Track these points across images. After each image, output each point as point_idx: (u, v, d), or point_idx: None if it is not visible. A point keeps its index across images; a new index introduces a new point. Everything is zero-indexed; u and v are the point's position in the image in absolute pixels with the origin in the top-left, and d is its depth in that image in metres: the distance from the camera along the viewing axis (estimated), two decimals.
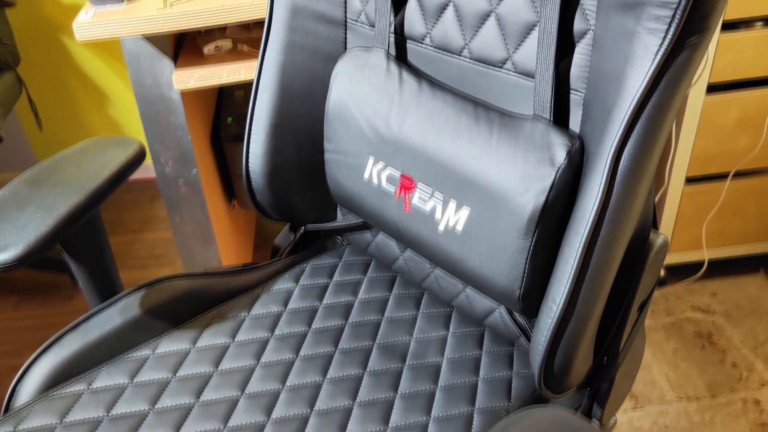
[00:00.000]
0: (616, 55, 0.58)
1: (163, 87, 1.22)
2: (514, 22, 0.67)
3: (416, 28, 0.76)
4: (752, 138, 1.34)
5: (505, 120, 0.68)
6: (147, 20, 1.04)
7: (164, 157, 1.31)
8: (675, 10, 0.51)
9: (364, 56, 0.78)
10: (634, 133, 0.56)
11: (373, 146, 0.76)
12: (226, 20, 1.06)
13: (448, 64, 0.75)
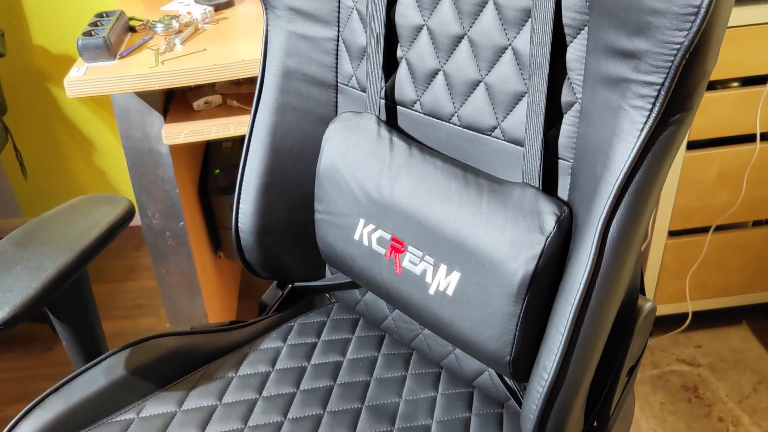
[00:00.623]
0: (603, 128, 0.59)
1: (152, 140, 1.22)
2: (503, 92, 0.69)
3: (406, 94, 0.78)
4: (732, 193, 1.37)
5: (494, 186, 0.69)
6: (139, 78, 1.05)
7: (151, 210, 1.30)
8: (659, 90, 0.53)
9: (355, 120, 0.79)
10: (622, 204, 0.57)
11: (363, 208, 0.77)
12: (217, 78, 1.07)
13: (438, 129, 0.76)
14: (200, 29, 1.19)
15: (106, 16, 1.16)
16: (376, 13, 0.75)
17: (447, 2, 0.70)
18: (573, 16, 0.61)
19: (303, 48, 0.83)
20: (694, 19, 0.48)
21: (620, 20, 0.54)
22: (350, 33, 0.81)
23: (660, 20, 0.50)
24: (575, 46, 0.62)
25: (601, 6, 0.57)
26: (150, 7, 1.32)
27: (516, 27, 0.65)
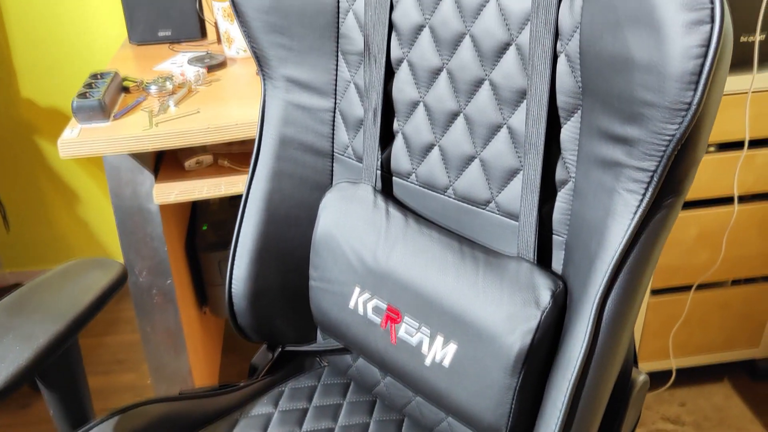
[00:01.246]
0: (597, 207, 0.61)
1: (141, 199, 1.22)
2: (498, 167, 0.71)
3: (402, 165, 0.79)
4: (712, 253, 1.40)
5: (490, 258, 0.70)
6: (132, 139, 1.06)
7: (139, 267, 1.30)
8: (652, 176, 0.55)
9: (351, 189, 0.81)
10: (617, 283, 0.59)
11: (359, 277, 0.78)
12: (211, 140, 1.09)
13: (433, 200, 0.78)
14: (194, 90, 1.21)
15: (100, 77, 1.17)
16: (373, 88, 0.77)
17: (443, 80, 0.72)
18: (566, 100, 0.63)
19: (300, 117, 0.85)
20: (685, 114, 0.50)
21: (613, 108, 0.57)
22: (347, 105, 0.83)
23: (652, 112, 0.52)
24: (569, 127, 0.64)
25: (594, 92, 0.59)
26: (143, 67, 1.33)
27: (511, 107, 0.68)
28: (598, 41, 0.56)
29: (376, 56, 0.75)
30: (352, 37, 0.78)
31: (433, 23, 0.70)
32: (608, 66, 0.56)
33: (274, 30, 0.80)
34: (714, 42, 0.47)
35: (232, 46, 1.34)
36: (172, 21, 1.44)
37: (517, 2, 0.64)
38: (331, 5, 0.78)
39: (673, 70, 0.49)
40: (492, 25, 0.66)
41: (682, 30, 0.48)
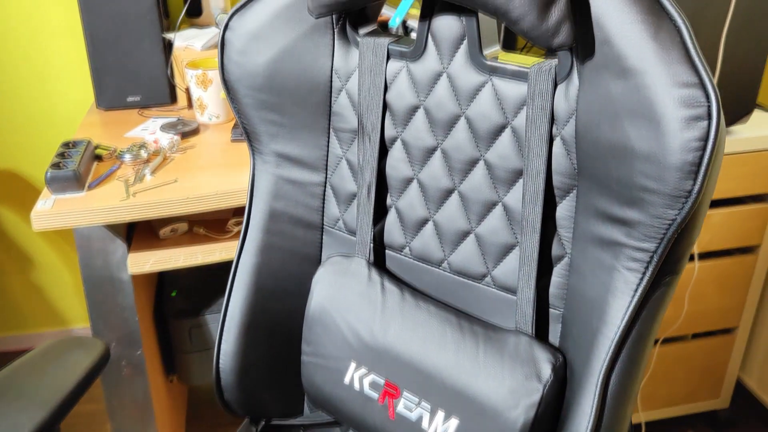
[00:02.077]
0: (596, 284, 0.63)
1: (113, 268, 1.20)
2: (493, 243, 0.73)
3: (395, 239, 0.81)
4: (676, 309, 1.45)
5: (489, 333, 0.71)
6: (110, 210, 1.04)
7: (108, 338, 1.25)
8: (652, 256, 0.58)
9: (345, 263, 0.81)
10: (621, 358, 0.61)
11: (355, 352, 0.78)
12: (191, 210, 1.08)
13: (428, 273, 0.79)
14: (169, 158, 1.20)
15: (73, 145, 1.16)
16: (367, 165, 0.78)
17: (437, 159, 0.74)
18: (562, 180, 0.66)
19: (290, 191, 0.85)
20: (686, 201, 0.53)
21: (612, 191, 0.60)
22: (339, 179, 0.84)
23: (653, 198, 0.55)
24: (564, 206, 0.67)
25: (591, 175, 0.62)
26: (113, 134, 1.32)
27: (506, 185, 0.70)
28: (595, 129, 0.60)
29: (370, 134, 0.77)
30: (344, 115, 0.80)
31: (428, 105, 0.73)
32: (607, 152, 0.59)
33: (266, 107, 0.81)
34: (712, 137, 0.51)
35: (205, 113, 1.35)
36: (142, 86, 1.43)
37: (513, 87, 0.67)
38: (324, 84, 0.80)
39: (673, 160, 0.53)
40: (487, 108, 0.69)
41: (681, 125, 0.52)
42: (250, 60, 0.79)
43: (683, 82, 0.52)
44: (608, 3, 0.56)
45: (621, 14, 0.55)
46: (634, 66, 0.54)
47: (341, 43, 0.78)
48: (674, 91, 0.52)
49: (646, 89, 0.54)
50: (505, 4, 0.57)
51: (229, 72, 0.81)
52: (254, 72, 0.80)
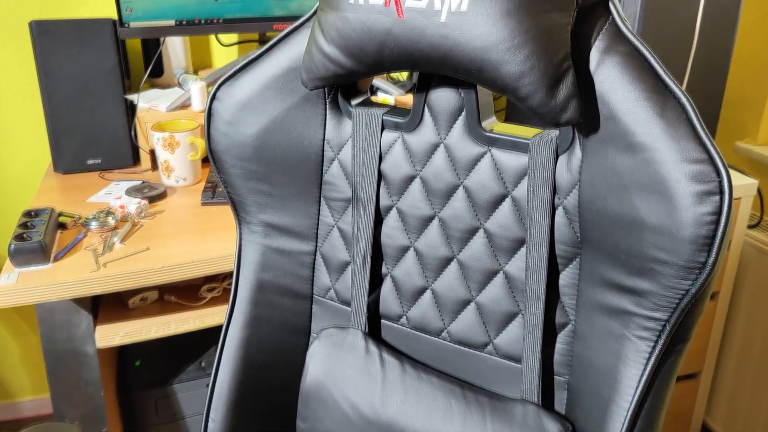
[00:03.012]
0: (606, 352, 0.64)
1: (77, 342, 1.13)
2: (495, 312, 0.72)
3: (392, 308, 0.79)
4: None
5: (495, 403, 0.70)
6: (80, 283, 1.00)
7: (71, 416, 1.18)
8: (664, 324, 0.58)
9: (340, 336, 0.79)
10: (637, 427, 0.61)
11: (356, 428, 0.75)
12: (166, 280, 1.04)
13: (427, 343, 0.78)
14: (137, 224, 1.16)
15: (35, 214, 1.11)
16: (362, 234, 0.77)
17: (435, 228, 0.74)
18: (565, 249, 0.67)
19: (279, 261, 0.83)
20: (699, 273, 0.55)
21: (620, 261, 0.60)
22: (330, 248, 0.82)
23: (665, 269, 0.56)
24: (567, 273, 0.67)
25: (597, 245, 0.63)
26: (75, 200, 1.27)
27: (507, 254, 0.70)
28: (601, 200, 0.61)
29: (365, 204, 0.77)
30: (336, 185, 0.79)
31: (425, 175, 0.73)
32: (614, 223, 0.60)
33: (255, 177, 0.80)
34: (725, 211, 0.52)
35: (172, 175, 1.31)
36: (103, 148, 1.39)
37: (513, 158, 0.67)
38: (315, 154, 0.79)
39: (686, 234, 0.54)
40: (487, 179, 0.69)
41: (693, 200, 0.53)
42: (239, 130, 0.78)
43: (693, 158, 0.53)
44: (612, 80, 0.58)
45: (626, 92, 0.57)
46: (642, 142, 0.56)
47: (333, 114, 0.78)
48: (685, 166, 0.54)
49: (655, 164, 0.55)
50: (514, 82, 0.57)
51: (216, 142, 0.79)
52: (243, 142, 0.78)
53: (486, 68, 0.58)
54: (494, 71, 0.58)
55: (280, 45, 0.76)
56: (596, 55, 0.59)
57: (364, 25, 0.62)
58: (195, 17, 1.37)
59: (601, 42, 0.59)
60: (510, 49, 0.56)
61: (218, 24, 1.40)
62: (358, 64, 0.66)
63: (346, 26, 0.64)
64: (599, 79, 0.59)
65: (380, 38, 0.62)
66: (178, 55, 1.56)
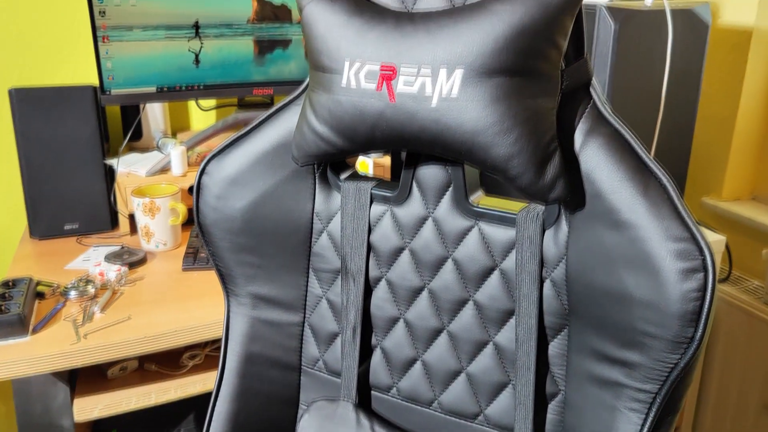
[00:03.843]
0: (597, 422, 0.64)
1: (53, 415, 1.10)
2: (485, 382, 0.73)
3: (382, 379, 0.80)
4: None
5: None
6: (60, 356, 0.98)
7: None
8: (655, 396, 0.60)
9: (330, 408, 0.79)
10: None
11: None
12: (149, 350, 1.02)
13: (418, 414, 0.78)
14: (117, 291, 1.15)
15: (13, 284, 1.09)
16: (352, 306, 0.78)
17: (425, 299, 0.75)
18: (553, 320, 0.68)
19: (267, 333, 0.83)
20: (688, 347, 0.56)
21: (609, 332, 0.62)
22: (318, 319, 0.83)
23: (654, 342, 0.58)
24: (556, 344, 0.69)
25: (585, 317, 0.64)
26: (52, 267, 1.25)
27: (497, 325, 0.72)
28: (589, 273, 0.62)
29: (354, 275, 0.77)
30: (325, 256, 0.80)
31: (414, 247, 0.74)
32: (602, 296, 0.61)
33: (244, 250, 0.80)
34: (710, 288, 0.55)
35: (152, 240, 1.31)
36: (80, 213, 1.38)
37: (501, 232, 0.69)
38: (304, 226, 0.80)
39: (674, 309, 0.56)
40: (475, 251, 0.71)
41: (679, 277, 0.55)
42: (228, 204, 0.79)
43: (677, 236, 0.56)
44: (597, 161, 0.60)
45: (610, 172, 0.60)
46: (627, 220, 0.58)
47: (322, 187, 0.79)
48: (669, 244, 0.56)
49: (641, 242, 0.57)
50: (503, 164, 0.60)
51: (205, 216, 0.80)
52: (232, 216, 0.79)
53: (476, 150, 0.60)
54: (484, 153, 0.60)
55: (270, 121, 0.78)
56: (580, 136, 0.62)
57: (356, 107, 0.64)
58: (176, 84, 1.39)
59: (585, 124, 0.62)
60: (499, 133, 0.59)
61: (199, 90, 1.42)
62: (350, 144, 0.68)
63: (338, 108, 0.66)
64: (584, 159, 0.61)
65: (372, 121, 0.64)
66: (157, 118, 1.57)
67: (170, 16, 1.35)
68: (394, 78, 0.62)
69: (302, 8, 0.68)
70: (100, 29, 1.30)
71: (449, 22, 0.60)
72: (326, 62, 0.66)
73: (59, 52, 1.53)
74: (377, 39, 0.62)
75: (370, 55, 0.62)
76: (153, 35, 1.35)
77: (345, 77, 0.64)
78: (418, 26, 0.61)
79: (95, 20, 1.29)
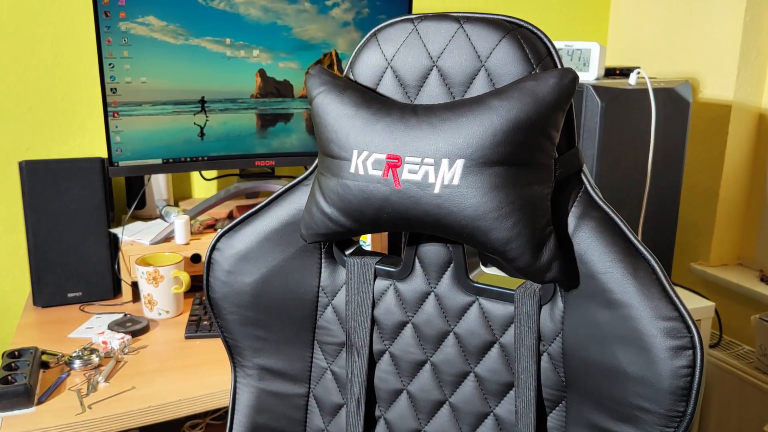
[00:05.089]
0: None
1: None
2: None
3: None
4: None
5: None
6: (65, 428, 0.99)
7: None
8: None
9: None
10: None
11: None
12: (152, 421, 1.04)
13: None
14: (121, 360, 1.17)
15: (18, 355, 1.11)
16: (356, 378, 0.81)
17: (427, 372, 0.78)
18: (552, 392, 0.71)
19: (273, 404, 0.85)
20: (680, 421, 0.59)
21: (605, 406, 0.65)
22: (323, 391, 0.85)
23: (648, 417, 0.61)
24: (554, 416, 0.71)
25: (583, 390, 0.68)
26: (56, 336, 1.27)
27: (497, 397, 0.74)
28: (584, 349, 0.66)
29: (358, 348, 0.80)
30: (330, 329, 0.83)
31: (416, 321, 0.78)
32: (597, 372, 0.65)
33: (251, 323, 0.83)
34: (699, 364, 0.58)
35: (155, 308, 1.33)
36: (84, 281, 1.41)
37: (500, 307, 0.73)
38: (310, 300, 0.83)
39: (666, 385, 0.59)
40: (476, 326, 0.74)
41: (669, 354, 0.59)
42: (238, 279, 0.82)
43: (666, 316, 0.60)
44: (589, 243, 0.65)
45: (601, 254, 0.64)
46: (619, 299, 0.62)
47: (328, 263, 0.83)
48: (659, 323, 0.60)
49: (633, 321, 0.61)
50: (502, 246, 0.64)
51: (215, 290, 0.83)
52: (241, 291, 0.82)
53: (476, 234, 0.64)
54: (484, 237, 0.64)
55: (278, 201, 0.82)
56: (573, 220, 0.66)
57: (363, 192, 0.69)
58: (181, 156, 1.44)
59: (577, 208, 0.66)
60: (498, 218, 0.63)
61: (203, 161, 1.47)
62: (357, 225, 0.72)
63: (347, 192, 0.70)
64: (577, 241, 0.65)
65: (378, 204, 0.68)
66: (160, 187, 1.61)
67: (178, 92, 1.41)
68: (399, 166, 0.66)
69: (312, 98, 0.73)
70: (111, 105, 1.36)
71: (450, 115, 0.65)
72: (336, 150, 0.70)
73: (69, 125, 1.59)
74: (383, 130, 0.67)
75: (377, 146, 0.67)
76: (161, 110, 1.40)
77: (353, 164, 0.69)
78: (421, 119, 0.66)
79: (107, 96, 1.35)
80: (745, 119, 1.65)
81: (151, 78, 1.38)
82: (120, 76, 1.36)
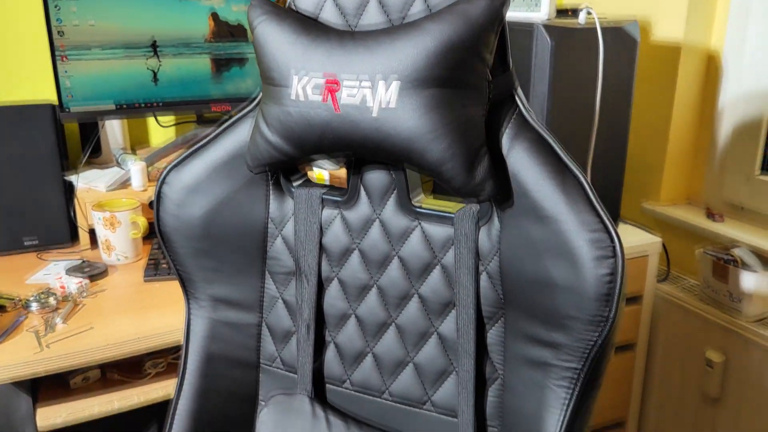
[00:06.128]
0: (531, 400, 0.71)
1: (16, 425, 1.12)
2: (431, 371, 0.79)
3: (335, 373, 0.85)
4: None
5: None
6: (23, 365, 1.00)
7: None
8: (579, 372, 0.67)
9: (288, 402, 0.84)
10: None
11: None
12: (112, 357, 1.06)
13: (370, 403, 0.83)
14: (79, 303, 1.18)
15: None
16: (306, 304, 0.83)
17: (373, 295, 0.81)
18: (490, 309, 0.75)
19: (226, 334, 0.88)
20: (604, 325, 0.63)
21: (538, 318, 0.69)
22: (275, 318, 0.88)
23: (575, 324, 0.65)
24: (494, 332, 0.75)
25: (518, 304, 0.71)
26: (13, 281, 1.27)
27: (439, 316, 0.78)
28: (519, 265, 0.69)
29: (307, 276, 0.83)
30: (280, 259, 0.85)
31: (363, 247, 0.80)
32: (531, 285, 0.68)
33: (203, 255, 0.85)
34: (619, 271, 0.62)
35: (113, 254, 1.34)
36: (39, 228, 1.40)
37: (440, 230, 0.76)
38: (260, 230, 0.85)
39: (591, 292, 0.63)
40: (418, 249, 0.77)
41: (594, 263, 0.62)
42: (187, 212, 0.83)
43: (591, 227, 0.63)
44: (522, 163, 0.67)
45: (533, 172, 0.67)
46: (550, 215, 0.65)
47: (276, 194, 0.85)
48: (585, 234, 0.63)
49: (562, 234, 0.64)
50: (438, 167, 0.66)
51: (166, 224, 0.84)
52: (191, 223, 0.84)
53: (413, 156, 0.67)
54: (420, 158, 0.66)
55: (225, 132, 0.83)
56: (507, 141, 0.69)
57: (304, 118, 0.70)
58: (135, 101, 1.43)
59: (511, 130, 0.69)
60: (434, 140, 0.65)
61: (158, 106, 1.46)
62: (300, 151, 0.73)
63: (289, 119, 0.72)
64: (511, 161, 0.68)
65: (320, 129, 0.70)
66: (116, 134, 1.60)
67: (128, 35, 1.39)
68: (338, 90, 0.68)
69: (254, 28, 0.74)
70: (58, 49, 1.34)
71: (386, 38, 0.66)
72: (276, 77, 0.71)
73: (18, 70, 1.56)
74: (322, 54, 0.68)
75: (314, 68, 0.69)
76: (112, 54, 1.39)
77: (294, 90, 0.70)
78: (358, 42, 0.67)
79: (54, 40, 1.33)
80: (694, 60, 1.68)
81: (99, 20, 1.36)
82: (67, 19, 1.33)
